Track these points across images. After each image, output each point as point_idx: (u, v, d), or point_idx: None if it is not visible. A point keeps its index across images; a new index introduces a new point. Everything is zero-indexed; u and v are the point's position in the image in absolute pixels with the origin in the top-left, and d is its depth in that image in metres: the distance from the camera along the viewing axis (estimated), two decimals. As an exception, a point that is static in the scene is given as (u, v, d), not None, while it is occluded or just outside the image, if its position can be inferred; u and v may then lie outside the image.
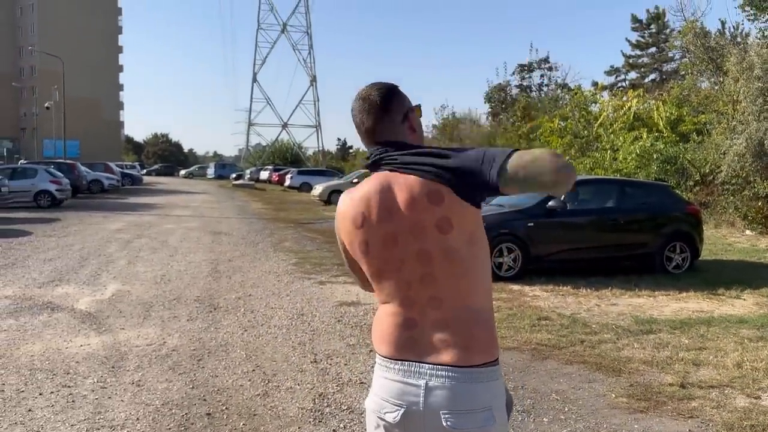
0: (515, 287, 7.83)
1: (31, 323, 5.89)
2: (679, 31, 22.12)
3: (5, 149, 58.69)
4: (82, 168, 27.99)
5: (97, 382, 4.35)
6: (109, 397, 4.06)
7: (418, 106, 1.78)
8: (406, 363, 1.59)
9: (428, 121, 39.03)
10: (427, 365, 1.56)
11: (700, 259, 9.48)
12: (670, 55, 39.88)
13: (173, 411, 3.85)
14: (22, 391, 4.15)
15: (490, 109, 32.22)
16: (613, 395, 4.20)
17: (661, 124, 18.55)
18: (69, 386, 4.26)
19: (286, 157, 60.74)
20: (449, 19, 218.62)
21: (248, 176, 50.13)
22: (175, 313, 6.38)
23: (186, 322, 6.03)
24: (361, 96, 1.72)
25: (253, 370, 4.64)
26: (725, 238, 13.38)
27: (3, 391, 4.15)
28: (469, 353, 1.54)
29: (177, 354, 5.00)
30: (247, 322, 6.06)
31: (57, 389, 4.19)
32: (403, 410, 1.57)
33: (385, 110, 1.69)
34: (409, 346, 1.60)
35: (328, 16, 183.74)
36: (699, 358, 4.98)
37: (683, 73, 23.56)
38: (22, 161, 34.90)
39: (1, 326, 5.76)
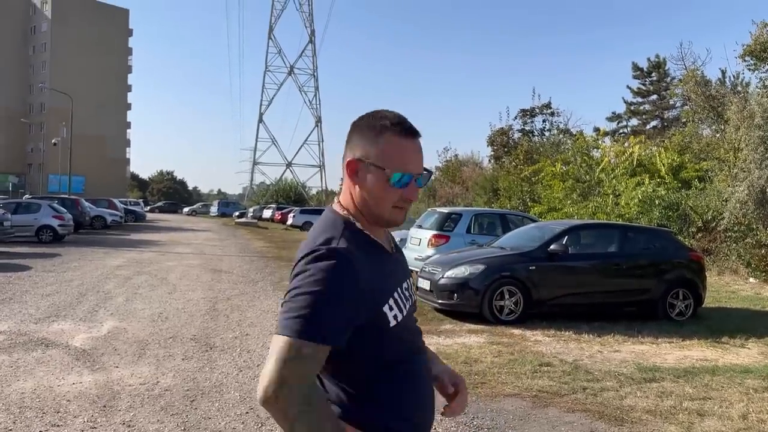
0: (516, 331, 7.73)
1: (24, 359, 5.80)
2: (680, 80, 22.44)
3: (11, 184, 59.21)
4: (86, 204, 28.08)
5: (87, 421, 4.25)
6: (98, 438, 3.96)
7: (381, 170, 1.41)
8: None
9: (431, 163, 39.38)
10: None
11: (703, 306, 9.38)
12: (671, 102, 40.38)
13: (163, 453, 3.75)
14: (10, 430, 4.05)
15: (492, 152, 32.45)
16: (616, 445, 4.09)
17: (663, 170, 18.63)
18: (58, 425, 4.16)
19: (289, 196, 61.16)
20: (454, 64, 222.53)
21: (251, 214, 50.27)
22: (171, 351, 6.28)
23: (181, 361, 5.93)
24: None
25: (247, 413, 4.53)
26: (728, 286, 13.26)
27: (-10, 429, 4.06)
28: None
29: (170, 394, 4.91)
30: (243, 362, 5.97)
31: (46, 428, 4.10)
32: None
33: (347, 142, 1.50)
34: None
35: (335, 60, 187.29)
36: (703, 408, 4.87)
37: (684, 120, 23.80)
38: (26, 196, 35.09)
39: (-6, 362, 5.67)
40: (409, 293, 1.54)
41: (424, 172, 1.47)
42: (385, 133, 1.41)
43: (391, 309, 1.40)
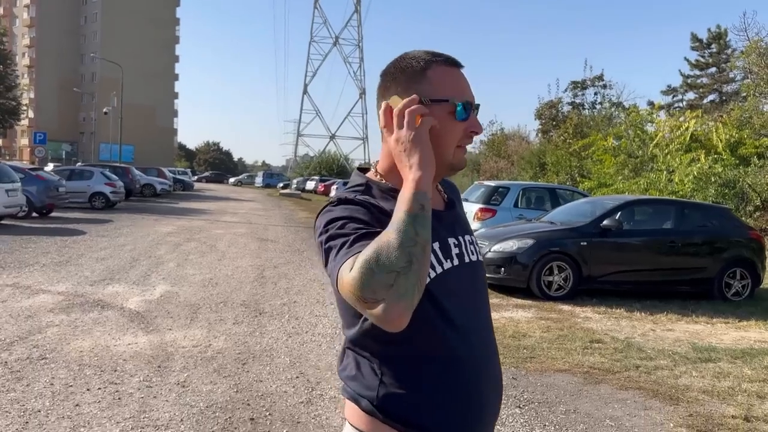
0: (566, 308, 7.60)
1: (82, 320, 5.99)
2: (742, 52, 21.38)
3: (64, 152, 60.98)
4: (136, 172, 28.74)
5: (143, 380, 4.36)
6: (155, 397, 4.06)
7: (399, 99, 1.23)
8: None
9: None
10: None
11: (761, 287, 9.05)
12: (731, 75, 38.62)
13: (217, 414, 3.82)
14: (71, 386, 4.19)
15: (540, 126, 31.77)
16: (672, 425, 3.99)
17: (720, 146, 17.88)
18: (116, 383, 4.28)
19: (332, 168, 61.34)
20: (501, 37, 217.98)
21: (295, 186, 50.74)
22: (222, 316, 6.40)
23: (232, 325, 6.03)
24: None
25: (297, 377, 4.58)
26: (787, 267, 12.75)
27: (53, 384, 4.20)
28: (347, 405, 1.31)
29: (222, 357, 4.99)
30: (292, 328, 6.03)
31: (104, 386, 4.22)
32: None
33: (383, 95, 1.30)
34: None
35: (380, 30, 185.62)
36: (763, 390, 4.70)
37: (745, 94, 22.74)
38: (79, 164, 36.10)
39: (54, 321, 5.87)
40: (461, 250, 1.32)
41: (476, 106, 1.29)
42: (432, 65, 1.26)
43: None
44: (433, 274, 1.23)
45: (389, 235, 1.06)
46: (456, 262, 1.29)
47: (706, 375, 5.07)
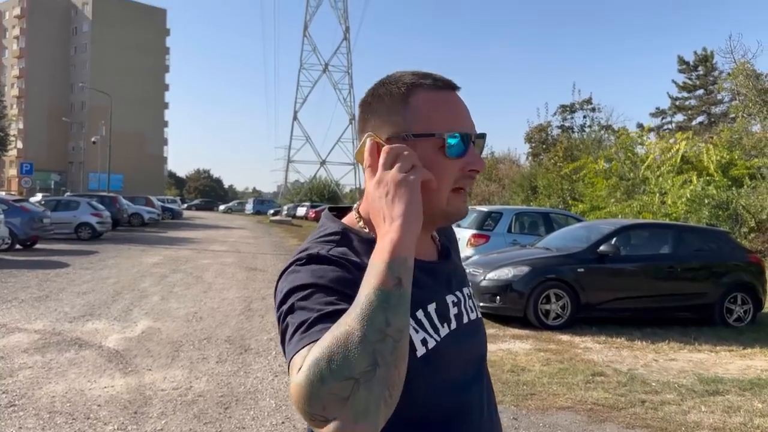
0: (564, 338, 7.33)
1: (57, 360, 5.67)
2: (729, 73, 21.51)
3: (53, 182, 60.63)
4: (124, 201, 28.36)
5: (117, 429, 4.05)
6: (128, 449, 3.75)
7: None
8: None
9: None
10: None
11: (763, 311, 8.83)
12: (719, 97, 38.96)
13: (195, 468, 3.52)
14: (38, 438, 3.87)
15: (530, 149, 31.75)
16: (685, 468, 3.72)
17: (711, 167, 17.83)
18: (87, 433, 3.97)
19: (323, 194, 61.23)
20: (491, 61, 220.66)
21: (285, 212, 50.43)
22: (205, 354, 6.09)
23: (215, 364, 5.72)
24: None
25: (283, 423, 4.28)
26: (785, 289, 12.56)
27: (18, 436, 3.89)
28: None
29: (203, 400, 4.69)
30: (278, 366, 5.73)
31: (74, 436, 3.91)
32: None
33: (361, 130, 1.06)
34: None
35: (369, 56, 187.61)
36: (778, 426, 4.44)
37: (733, 115, 22.84)
38: (67, 194, 35.72)
39: (27, 363, 5.55)
40: (460, 309, 1.09)
41: (479, 136, 1.04)
42: (417, 90, 1.01)
43: (416, 331, 0.97)
44: (424, 350, 0.97)
45: (350, 324, 0.77)
46: (454, 325, 1.05)
47: (715, 410, 4.81)
